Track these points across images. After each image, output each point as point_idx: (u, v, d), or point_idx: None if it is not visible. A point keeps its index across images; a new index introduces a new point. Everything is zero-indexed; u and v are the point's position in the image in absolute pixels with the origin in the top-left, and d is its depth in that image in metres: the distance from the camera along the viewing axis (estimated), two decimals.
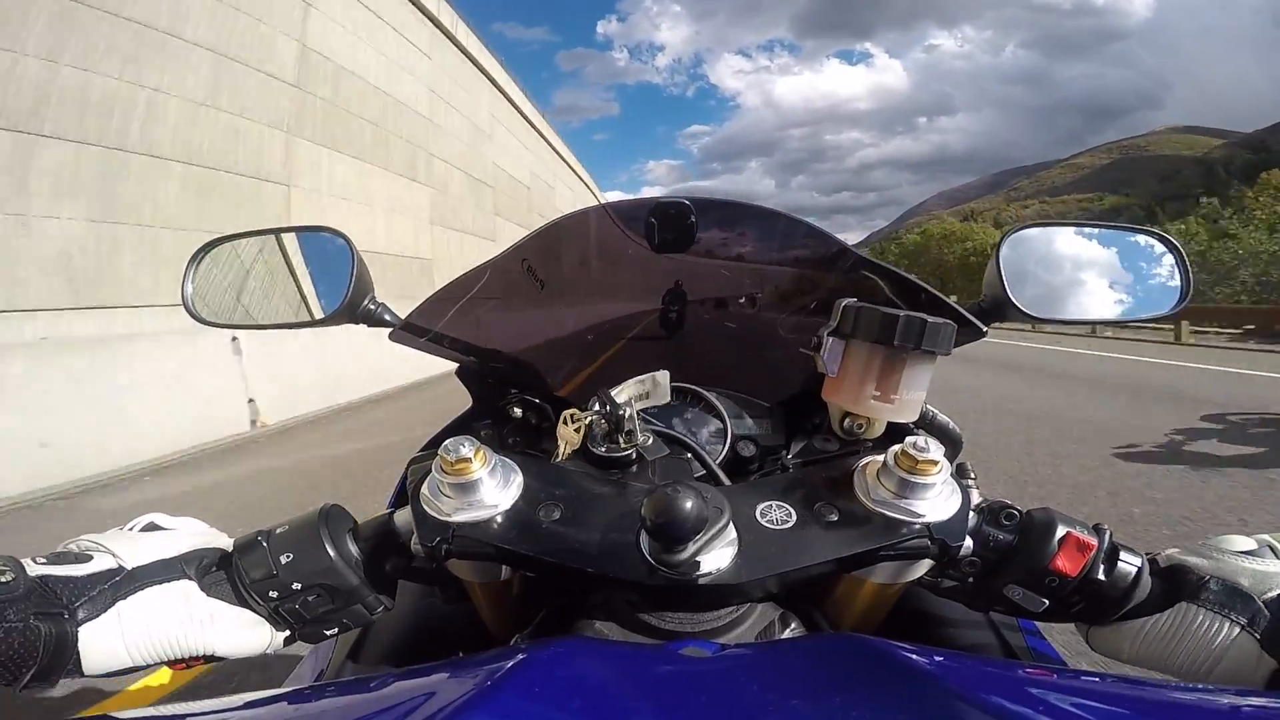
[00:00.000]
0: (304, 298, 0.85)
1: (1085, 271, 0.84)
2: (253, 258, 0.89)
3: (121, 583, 0.48)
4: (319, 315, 0.79)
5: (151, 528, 0.54)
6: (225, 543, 0.56)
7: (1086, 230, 0.85)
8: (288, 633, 0.54)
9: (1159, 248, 0.81)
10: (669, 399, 0.68)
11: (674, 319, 0.90)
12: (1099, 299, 0.83)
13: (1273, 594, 0.48)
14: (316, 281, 0.84)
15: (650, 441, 0.68)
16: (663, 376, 0.69)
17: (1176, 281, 0.79)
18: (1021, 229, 0.79)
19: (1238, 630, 0.48)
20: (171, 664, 0.51)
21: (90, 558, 0.48)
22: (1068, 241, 0.85)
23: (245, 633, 0.52)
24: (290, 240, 0.89)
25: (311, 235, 0.87)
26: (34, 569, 0.46)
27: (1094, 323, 0.80)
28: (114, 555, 0.49)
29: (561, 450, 0.66)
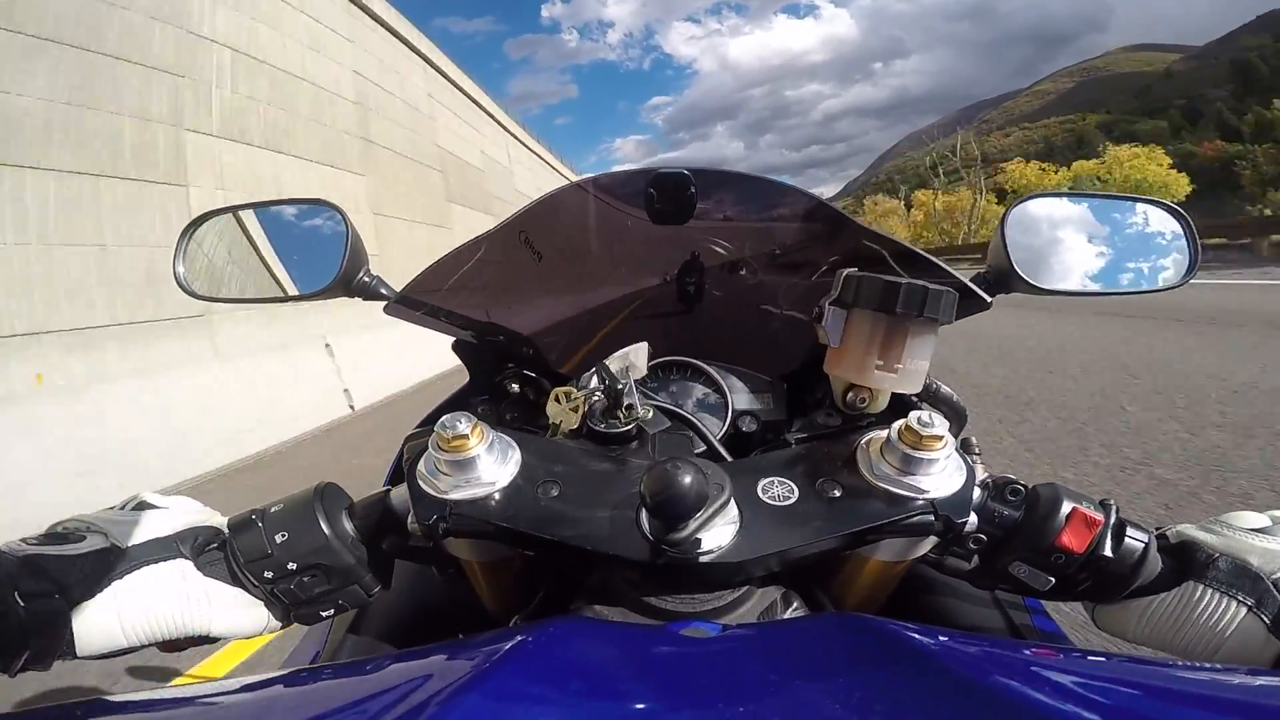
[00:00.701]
0: (298, 271, 0.83)
1: (1091, 243, 0.82)
2: (244, 232, 0.88)
3: (115, 562, 0.47)
4: (313, 289, 0.77)
5: (143, 506, 0.53)
6: (218, 521, 0.55)
7: (1093, 201, 0.84)
8: (284, 613, 0.54)
9: (1167, 218, 0.80)
10: (644, 372, 0.67)
11: (674, 292, 0.89)
12: (1105, 271, 0.82)
13: None
14: (310, 255, 0.83)
15: (650, 416, 0.67)
16: (640, 349, 0.68)
17: (1185, 252, 0.77)
18: (1027, 200, 0.78)
19: (1244, 611, 0.47)
20: (163, 645, 0.50)
21: (83, 537, 0.48)
22: (1073, 212, 0.84)
23: (241, 613, 0.51)
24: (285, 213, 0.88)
25: (304, 207, 0.86)
26: (24, 549, 0.45)
27: (1100, 295, 0.79)
28: (106, 535, 0.48)
29: (556, 428, 0.66)
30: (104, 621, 0.46)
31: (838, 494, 0.51)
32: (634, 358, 0.67)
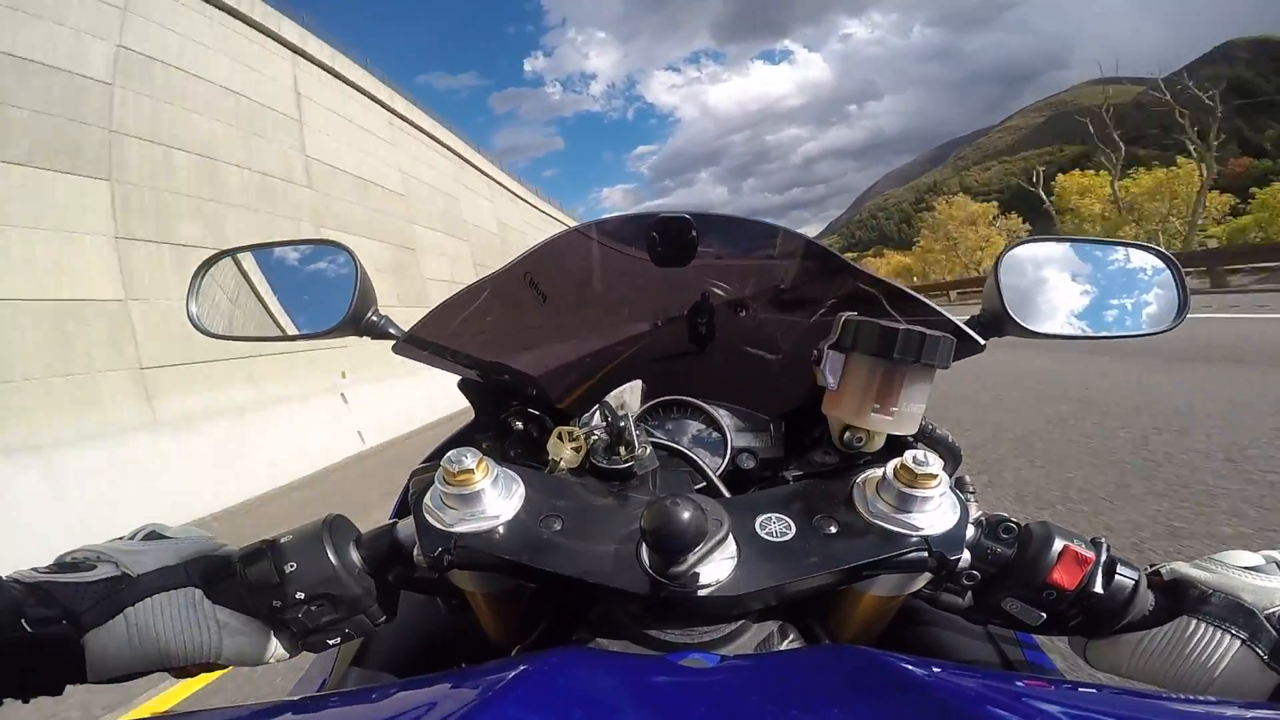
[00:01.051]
0: (307, 311, 0.85)
1: (1083, 286, 0.84)
2: (256, 272, 0.90)
3: (127, 590, 0.48)
4: (323, 328, 0.79)
5: (153, 535, 0.55)
6: (226, 550, 0.56)
7: (1085, 245, 0.86)
8: (291, 641, 0.54)
9: (1157, 263, 0.82)
10: (639, 409, 0.68)
11: (676, 332, 0.91)
12: (1097, 314, 0.84)
13: (1276, 609, 0.48)
14: (320, 295, 0.85)
15: (650, 453, 0.69)
16: (635, 386, 0.69)
17: (1174, 298, 0.79)
18: (1019, 244, 0.80)
19: (1238, 645, 0.48)
20: (175, 671, 0.51)
21: (94, 566, 0.49)
22: (1065, 256, 0.86)
23: (249, 641, 0.52)
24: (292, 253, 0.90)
25: (313, 248, 0.88)
26: (34, 578, 0.46)
27: (1092, 338, 0.81)
28: (117, 564, 0.49)
29: (559, 464, 0.67)
30: (115, 648, 0.47)
31: (834, 530, 0.52)
32: (629, 395, 0.69)
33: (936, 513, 0.51)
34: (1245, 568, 0.51)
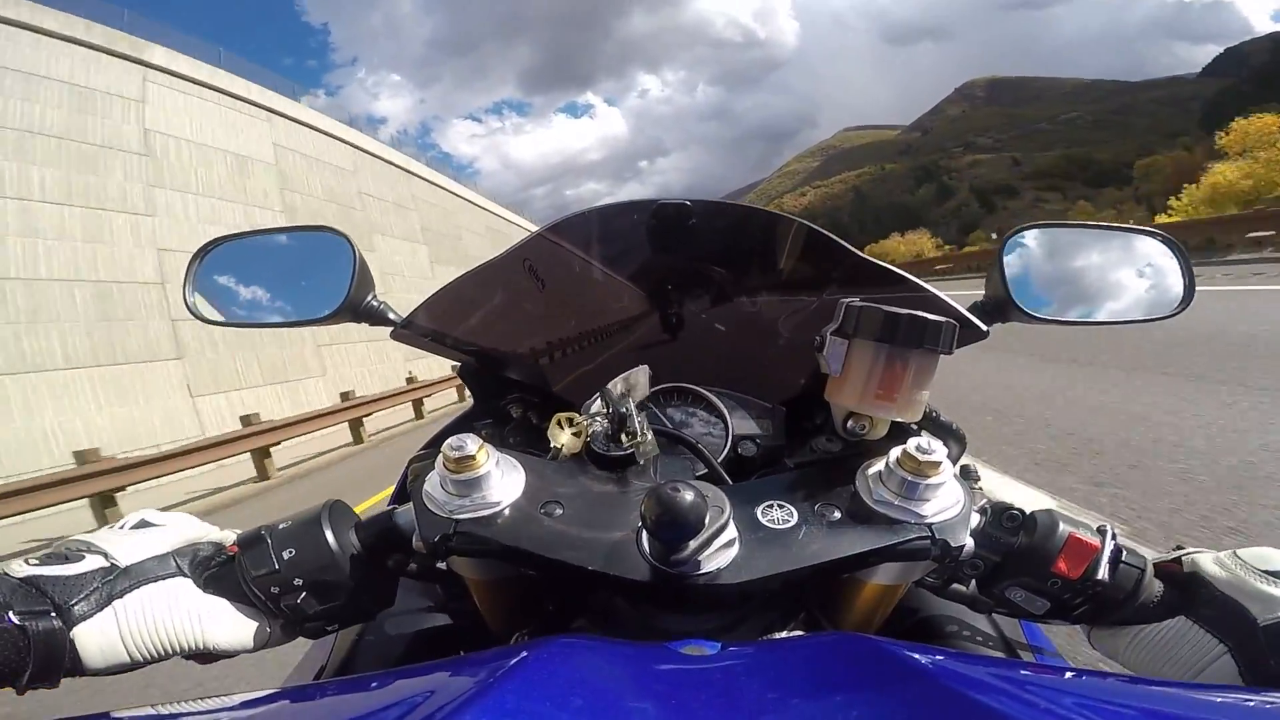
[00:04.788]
0: (304, 296, 0.85)
1: (1088, 273, 0.83)
2: (253, 257, 0.90)
3: (116, 580, 0.48)
4: (321, 314, 0.79)
5: (143, 525, 0.54)
6: (218, 537, 0.55)
7: (1089, 231, 0.85)
8: (289, 628, 0.54)
9: (1162, 249, 0.81)
10: (646, 394, 0.68)
11: (675, 320, 0.90)
12: (1101, 300, 0.83)
13: (1273, 619, 0.47)
14: (317, 280, 0.84)
15: (651, 440, 0.68)
16: (642, 372, 0.68)
17: (1179, 283, 0.78)
18: (1024, 230, 0.79)
19: (1224, 653, 0.48)
20: (186, 656, 0.50)
21: (81, 557, 0.48)
22: (1070, 243, 0.85)
23: (245, 628, 0.52)
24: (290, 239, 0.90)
25: (310, 235, 0.87)
26: (22, 570, 0.46)
27: (1096, 324, 0.80)
28: (106, 554, 0.49)
29: (560, 450, 0.66)
30: (107, 639, 0.47)
31: (836, 518, 0.52)
32: (635, 381, 0.68)
33: (940, 500, 0.51)
34: (1266, 572, 0.49)
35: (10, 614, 0.43)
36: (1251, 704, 0.38)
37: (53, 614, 0.45)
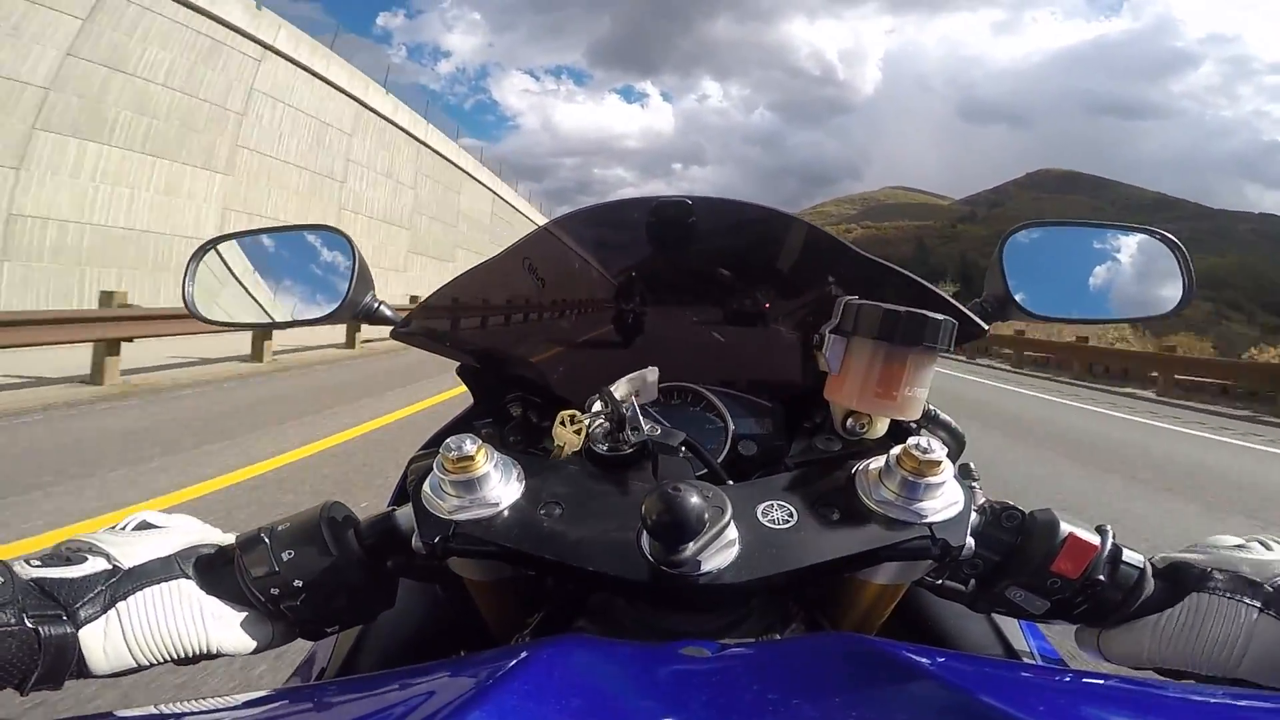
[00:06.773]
0: (304, 295, 0.85)
1: (1087, 270, 0.83)
2: (252, 256, 0.89)
3: (119, 583, 0.48)
4: (320, 313, 0.79)
5: (144, 526, 0.54)
6: (220, 539, 0.55)
7: (1089, 229, 0.85)
8: (289, 630, 0.54)
9: (1162, 248, 0.81)
10: (656, 395, 0.68)
11: (675, 318, 0.90)
12: (1100, 298, 0.83)
13: (1279, 578, 0.48)
14: (317, 280, 0.84)
15: (651, 440, 0.68)
16: (652, 373, 0.68)
17: (1178, 282, 0.78)
18: (1024, 227, 0.79)
19: (1256, 613, 0.47)
20: (177, 662, 0.50)
21: (84, 559, 0.48)
22: (1070, 240, 0.85)
23: (246, 630, 0.52)
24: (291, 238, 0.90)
25: (311, 233, 0.87)
26: (28, 571, 0.46)
27: (1096, 322, 0.80)
28: (108, 556, 0.49)
29: (560, 451, 0.66)
30: (111, 642, 0.47)
31: (836, 517, 0.52)
32: (645, 381, 0.68)
33: (940, 500, 0.51)
34: (1234, 547, 0.52)
35: (25, 617, 0.43)
36: (1252, 704, 0.38)
37: (63, 617, 0.45)
